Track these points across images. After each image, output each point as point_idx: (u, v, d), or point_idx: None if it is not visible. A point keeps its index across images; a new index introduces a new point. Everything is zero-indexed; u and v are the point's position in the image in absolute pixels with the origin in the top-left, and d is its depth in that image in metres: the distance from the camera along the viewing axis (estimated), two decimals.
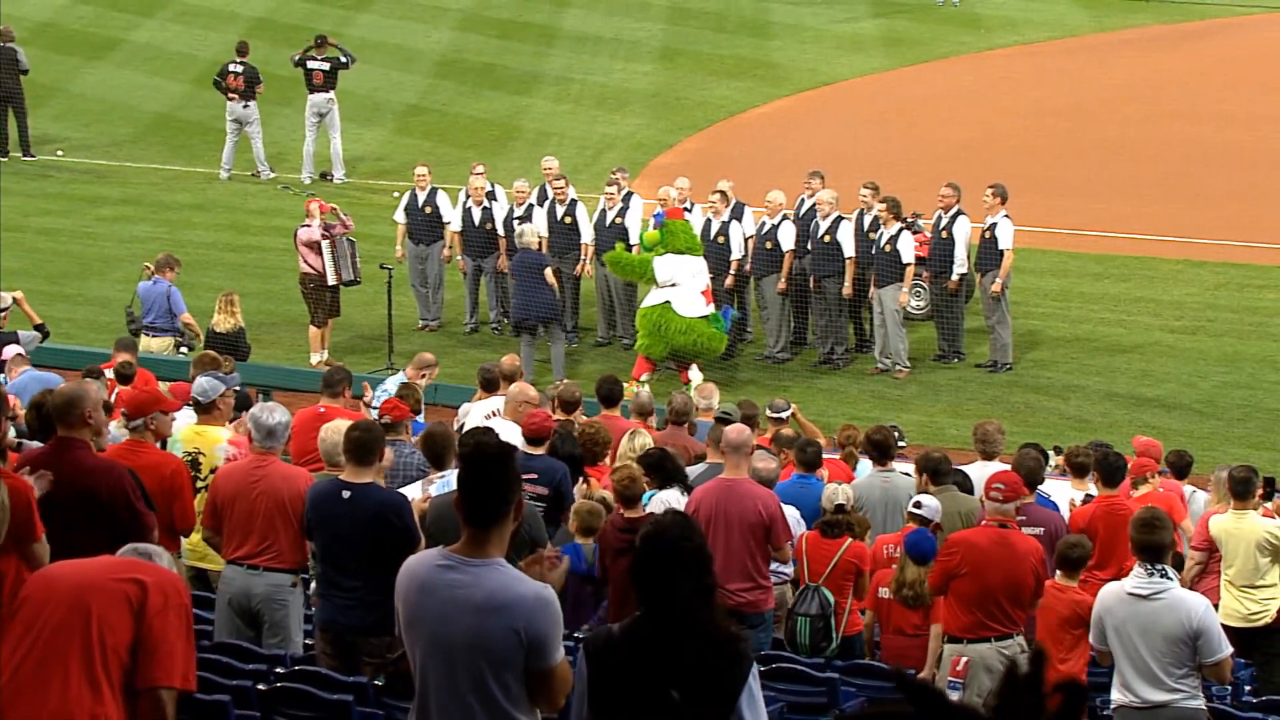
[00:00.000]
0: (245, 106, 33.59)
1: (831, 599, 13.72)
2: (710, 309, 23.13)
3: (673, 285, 22.98)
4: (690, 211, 24.39)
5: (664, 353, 23.08)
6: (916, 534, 13.40)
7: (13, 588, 8.67)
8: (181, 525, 12.55)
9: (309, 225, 24.56)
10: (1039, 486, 14.71)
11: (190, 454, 13.80)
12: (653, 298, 23.18)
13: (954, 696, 12.09)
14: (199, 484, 13.49)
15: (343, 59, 33.51)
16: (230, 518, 12.45)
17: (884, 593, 13.56)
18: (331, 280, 24.61)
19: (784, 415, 17.65)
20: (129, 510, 10.80)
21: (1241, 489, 15.01)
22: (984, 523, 12.43)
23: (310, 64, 33.35)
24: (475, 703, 7.40)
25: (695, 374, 23.06)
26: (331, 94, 33.18)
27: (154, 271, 23.20)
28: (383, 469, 12.15)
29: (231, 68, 33.53)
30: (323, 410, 15.97)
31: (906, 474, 15.47)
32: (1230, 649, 11.00)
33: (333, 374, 16.83)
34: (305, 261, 24.68)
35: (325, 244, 24.55)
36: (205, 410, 14.23)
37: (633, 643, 7.19)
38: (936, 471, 14.45)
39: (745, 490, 13.57)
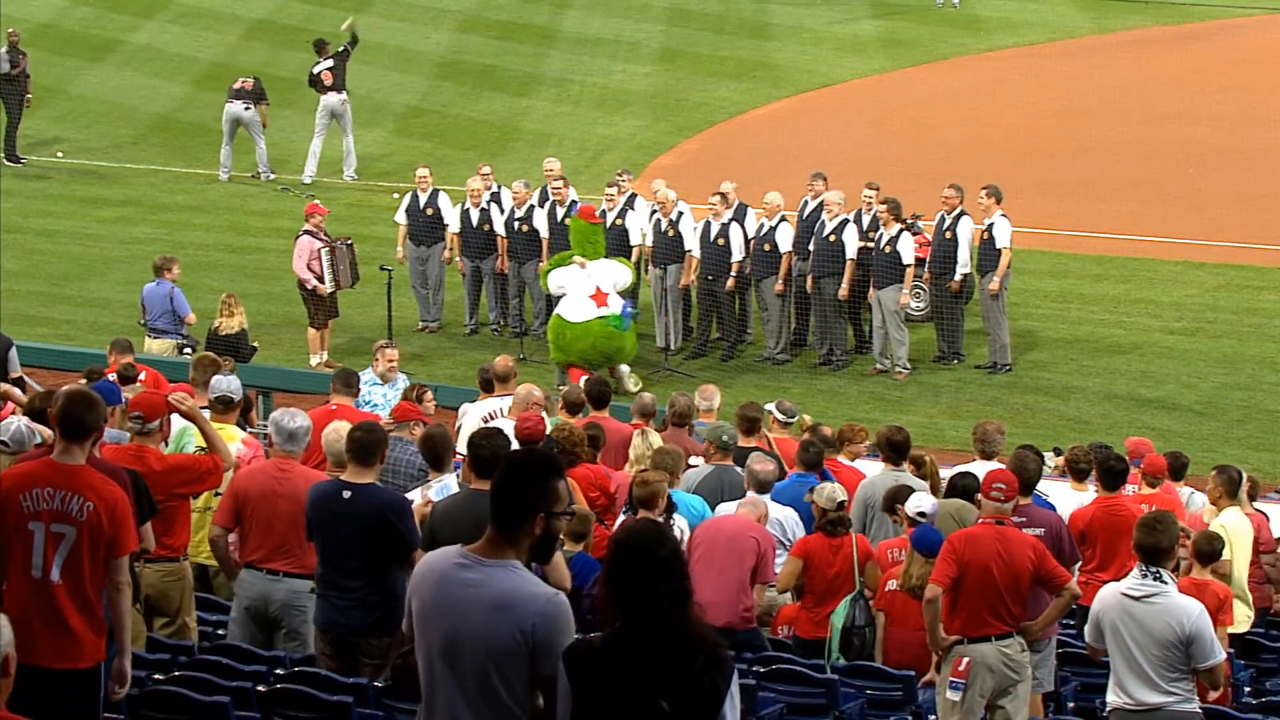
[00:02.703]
0: (248, 109, 33.58)
1: (870, 605, 13.73)
2: (604, 310, 23.25)
3: (562, 295, 23.36)
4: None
5: (570, 360, 23.13)
6: (923, 528, 13.43)
7: None
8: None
9: (305, 234, 24.60)
10: (1036, 487, 14.70)
11: (202, 450, 13.75)
12: (556, 309, 23.53)
13: (955, 696, 12.16)
14: None
15: (345, 46, 33.48)
16: (249, 518, 12.37)
17: (892, 585, 13.60)
18: (329, 288, 24.66)
19: (793, 419, 17.52)
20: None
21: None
22: (981, 520, 12.46)
23: (315, 69, 33.36)
24: (480, 700, 7.42)
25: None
26: (344, 94, 33.14)
27: (156, 273, 23.20)
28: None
29: (238, 86, 33.68)
30: (334, 408, 15.99)
31: None
32: (1223, 654, 10.99)
33: (347, 373, 16.93)
34: (305, 266, 24.73)
35: (325, 252, 24.61)
36: (227, 409, 14.26)
37: (615, 652, 7.17)
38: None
39: (743, 522, 13.79)
